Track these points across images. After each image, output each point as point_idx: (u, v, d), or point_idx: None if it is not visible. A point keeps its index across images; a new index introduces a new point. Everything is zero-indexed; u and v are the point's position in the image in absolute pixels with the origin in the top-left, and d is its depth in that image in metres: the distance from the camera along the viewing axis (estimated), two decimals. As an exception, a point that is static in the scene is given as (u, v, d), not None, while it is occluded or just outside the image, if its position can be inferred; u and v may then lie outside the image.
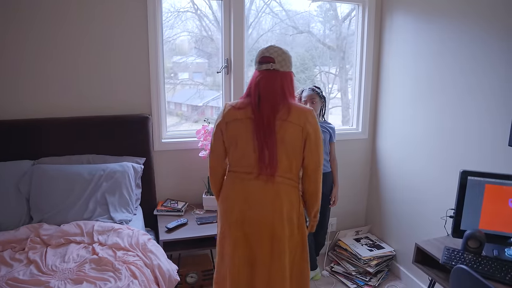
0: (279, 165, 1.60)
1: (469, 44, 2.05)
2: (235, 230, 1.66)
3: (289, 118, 1.59)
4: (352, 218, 3.10)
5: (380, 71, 2.84)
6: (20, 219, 1.95)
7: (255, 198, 1.63)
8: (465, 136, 2.11)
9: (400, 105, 2.64)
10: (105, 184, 2.08)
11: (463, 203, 1.73)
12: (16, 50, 2.14)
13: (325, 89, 2.99)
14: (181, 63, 2.60)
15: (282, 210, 1.63)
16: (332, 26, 2.84)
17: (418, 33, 2.42)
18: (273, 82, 1.62)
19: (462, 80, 2.11)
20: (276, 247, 1.64)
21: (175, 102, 2.68)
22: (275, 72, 1.63)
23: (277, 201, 1.62)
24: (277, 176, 1.62)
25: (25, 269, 1.61)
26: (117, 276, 1.58)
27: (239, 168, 1.67)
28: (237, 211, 1.65)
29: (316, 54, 2.84)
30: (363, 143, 2.99)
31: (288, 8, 2.72)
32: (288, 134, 1.59)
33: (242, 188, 1.65)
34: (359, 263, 2.66)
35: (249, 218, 1.64)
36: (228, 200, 1.70)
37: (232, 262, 1.68)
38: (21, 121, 2.15)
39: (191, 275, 2.49)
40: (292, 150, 1.61)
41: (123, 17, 2.28)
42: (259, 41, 2.71)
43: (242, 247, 1.67)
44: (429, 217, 2.40)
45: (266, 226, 1.62)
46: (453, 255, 1.65)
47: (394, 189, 2.75)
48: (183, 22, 2.51)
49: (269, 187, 1.62)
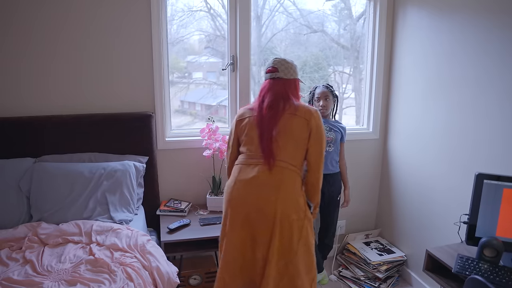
0: (284, 152, 1.77)
1: (483, 41, 1.93)
2: (238, 210, 1.77)
3: (297, 113, 1.80)
4: (362, 221, 3.00)
5: (392, 70, 2.73)
6: (20, 217, 1.93)
7: (260, 181, 1.75)
8: (484, 136, 1.99)
9: (413, 104, 2.53)
10: (105, 183, 2.04)
11: (478, 208, 1.62)
12: (19, 48, 2.12)
13: (339, 89, 2.92)
14: (194, 63, 2.57)
15: (287, 193, 1.74)
16: (347, 25, 2.76)
17: (432, 30, 2.31)
18: (277, 87, 1.85)
19: (478, 78, 1.99)
20: (279, 227, 1.72)
21: (189, 101, 2.66)
22: (279, 80, 1.86)
23: (283, 184, 1.73)
24: (281, 161, 1.77)
25: (20, 269, 1.58)
26: (112, 278, 1.53)
27: (247, 156, 1.84)
28: (242, 193, 1.77)
29: (330, 53, 2.78)
30: (374, 143, 2.88)
31: (301, 7, 2.65)
32: (295, 125, 1.78)
33: (249, 173, 1.78)
34: (368, 268, 2.56)
35: (253, 200, 1.74)
36: (234, 184, 1.80)
37: (235, 237, 1.78)
38: (23, 119, 2.13)
39: (195, 277, 2.44)
40: (298, 139, 1.79)
41: (126, 13, 2.24)
42: (273, 40, 2.67)
43: (245, 227, 1.77)
44: (443, 221, 2.28)
45: (270, 207, 1.72)
46: (467, 264, 1.54)
47: (406, 192, 2.64)
48: (197, 21, 2.49)
49: (274, 171, 1.75)
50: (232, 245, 1.80)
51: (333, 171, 2.46)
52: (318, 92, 2.40)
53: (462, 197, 2.12)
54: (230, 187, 1.82)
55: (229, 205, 1.81)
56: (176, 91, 2.57)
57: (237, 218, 1.78)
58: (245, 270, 1.82)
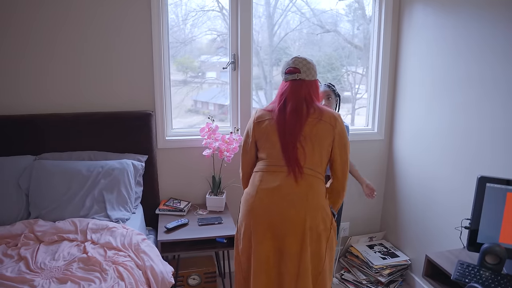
0: (310, 159, 1.68)
1: (487, 36, 1.86)
2: (261, 221, 1.66)
3: (323, 118, 1.70)
4: (366, 223, 2.94)
5: (398, 70, 2.66)
6: (18, 214, 1.95)
7: (286, 191, 1.65)
8: (488, 138, 1.92)
9: (419, 105, 2.46)
10: (103, 181, 2.04)
11: (480, 212, 1.55)
12: (19, 47, 2.15)
13: (352, 90, 2.87)
14: (206, 62, 2.57)
15: (316, 202, 1.65)
16: (360, 25, 2.72)
17: (437, 28, 2.23)
18: (299, 90, 1.73)
19: (482, 77, 1.91)
20: (306, 238, 1.63)
21: (202, 101, 2.67)
22: (301, 82, 1.74)
23: (310, 193, 1.64)
24: (308, 169, 1.67)
25: (14, 266, 1.59)
26: (103, 277, 1.52)
27: (269, 162, 1.72)
28: (267, 203, 1.66)
29: (343, 53, 2.75)
30: (379, 144, 2.82)
31: (314, 6, 2.63)
32: (321, 131, 1.69)
33: (272, 181, 1.67)
34: (371, 271, 2.51)
35: (280, 210, 1.63)
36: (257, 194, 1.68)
37: (260, 252, 1.66)
38: (25, 117, 2.15)
39: (193, 277, 2.43)
40: (324, 146, 1.70)
41: (126, 12, 2.24)
42: (286, 40, 2.65)
43: (271, 238, 1.67)
44: (448, 225, 2.21)
45: (299, 218, 1.62)
46: (467, 271, 1.48)
47: (411, 194, 2.57)
48: (210, 20, 2.49)
49: (300, 179, 1.66)
50: (256, 260, 1.67)
51: None
52: (320, 91, 2.34)
53: (468, 200, 2.05)
54: (252, 196, 1.68)
55: (251, 215, 1.67)
56: (188, 90, 2.58)
57: (260, 230, 1.65)
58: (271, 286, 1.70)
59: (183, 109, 2.61)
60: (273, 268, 1.68)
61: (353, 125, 2.89)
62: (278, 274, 1.68)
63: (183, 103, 2.60)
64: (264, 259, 1.66)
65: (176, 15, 2.46)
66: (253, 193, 1.69)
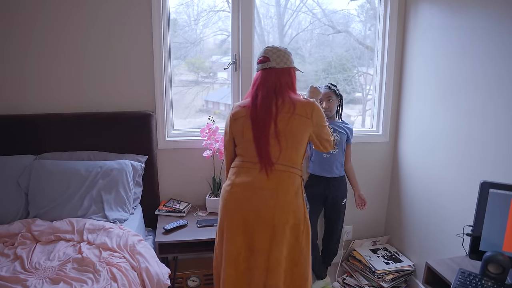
0: (284, 154, 1.68)
1: (493, 33, 1.79)
2: (234, 216, 1.70)
3: (296, 111, 1.67)
4: (370, 227, 2.88)
5: (403, 71, 2.60)
6: (17, 213, 1.96)
7: (258, 186, 1.68)
8: (493, 142, 1.85)
9: (424, 106, 2.39)
10: (101, 181, 2.04)
11: (483, 219, 1.50)
12: (21, 47, 2.16)
13: (363, 91, 2.83)
14: (216, 62, 2.56)
15: (286, 198, 1.67)
16: (371, 25, 2.68)
17: (443, 27, 2.17)
18: (269, 79, 1.72)
19: (487, 78, 1.85)
20: (277, 234, 1.66)
21: (212, 101, 2.67)
22: (271, 70, 1.72)
23: (280, 188, 1.67)
24: (280, 165, 1.69)
25: (9, 265, 1.59)
26: (96, 278, 1.51)
27: (244, 159, 1.76)
28: (240, 198, 1.70)
29: (355, 54, 2.71)
30: (383, 146, 2.76)
31: (325, 7, 2.60)
32: (296, 126, 1.67)
33: (246, 177, 1.71)
34: (373, 276, 2.45)
35: (251, 206, 1.68)
36: (231, 188, 1.73)
37: (231, 247, 1.71)
38: (25, 116, 2.17)
39: (193, 278, 2.41)
40: (300, 139, 1.70)
41: (128, 13, 2.24)
42: (298, 40, 2.63)
43: (242, 234, 1.70)
44: (454, 230, 2.14)
45: (269, 214, 1.66)
46: (468, 280, 1.43)
47: (417, 198, 2.51)
48: (221, 21, 2.48)
49: (272, 175, 1.68)
50: (227, 254, 1.72)
51: (338, 174, 2.37)
52: (322, 94, 2.31)
53: (473, 205, 1.98)
54: (227, 191, 1.75)
55: (226, 210, 1.74)
56: (198, 90, 2.57)
57: (233, 225, 1.71)
58: (239, 283, 1.73)
59: (193, 109, 2.61)
60: (243, 263, 1.72)
61: (363, 126, 2.84)
62: (247, 269, 1.72)
63: (193, 103, 2.59)
64: (234, 254, 1.70)
65: (187, 16, 2.45)
66: (228, 187, 1.75)
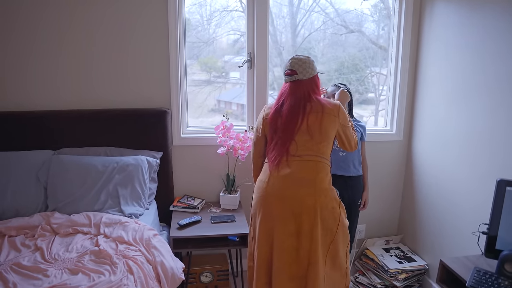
0: (317, 148, 1.81)
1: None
2: (277, 204, 1.79)
3: (325, 111, 1.82)
4: (383, 226, 2.87)
5: (418, 70, 2.58)
6: (37, 206, 2.02)
7: (296, 176, 1.78)
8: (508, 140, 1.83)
9: (439, 105, 2.37)
10: (117, 176, 2.08)
11: (499, 218, 1.48)
12: (40, 44, 2.22)
13: (376, 91, 2.82)
14: (229, 62, 2.58)
15: (323, 186, 1.78)
16: (385, 25, 2.67)
17: (459, 27, 2.15)
18: (298, 90, 1.84)
19: (499, 79, 1.82)
20: (319, 216, 1.77)
21: (225, 100, 2.69)
22: (299, 82, 1.84)
23: (318, 177, 1.78)
24: (313, 156, 1.80)
25: (30, 256, 1.65)
26: (113, 270, 1.55)
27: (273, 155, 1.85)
28: (281, 187, 1.79)
29: (368, 54, 2.71)
30: (397, 145, 2.74)
31: (338, 7, 2.60)
32: (326, 123, 1.81)
33: (278, 170, 1.80)
34: (386, 275, 2.44)
35: (291, 193, 1.77)
36: (269, 180, 1.82)
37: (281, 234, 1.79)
38: (46, 113, 2.23)
39: (206, 274, 2.44)
40: (329, 135, 1.83)
41: (143, 10, 2.27)
42: (310, 40, 2.63)
43: (288, 220, 1.78)
44: (469, 229, 2.12)
45: (310, 198, 1.76)
46: (484, 279, 1.42)
47: (431, 197, 2.49)
48: (234, 20, 2.50)
49: (308, 165, 1.79)
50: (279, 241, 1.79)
51: (355, 173, 2.33)
52: (329, 93, 2.30)
53: (488, 205, 1.96)
54: (265, 182, 1.82)
55: (266, 201, 1.80)
56: (211, 90, 2.60)
57: (279, 212, 1.78)
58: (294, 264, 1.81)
59: (205, 108, 2.64)
60: (293, 246, 1.80)
61: (376, 125, 2.83)
62: (296, 250, 1.80)
63: (205, 103, 2.61)
64: (287, 238, 1.78)
65: (200, 15, 2.48)
66: (266, 179, 1.83)
